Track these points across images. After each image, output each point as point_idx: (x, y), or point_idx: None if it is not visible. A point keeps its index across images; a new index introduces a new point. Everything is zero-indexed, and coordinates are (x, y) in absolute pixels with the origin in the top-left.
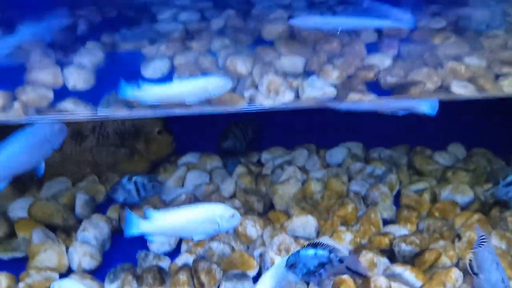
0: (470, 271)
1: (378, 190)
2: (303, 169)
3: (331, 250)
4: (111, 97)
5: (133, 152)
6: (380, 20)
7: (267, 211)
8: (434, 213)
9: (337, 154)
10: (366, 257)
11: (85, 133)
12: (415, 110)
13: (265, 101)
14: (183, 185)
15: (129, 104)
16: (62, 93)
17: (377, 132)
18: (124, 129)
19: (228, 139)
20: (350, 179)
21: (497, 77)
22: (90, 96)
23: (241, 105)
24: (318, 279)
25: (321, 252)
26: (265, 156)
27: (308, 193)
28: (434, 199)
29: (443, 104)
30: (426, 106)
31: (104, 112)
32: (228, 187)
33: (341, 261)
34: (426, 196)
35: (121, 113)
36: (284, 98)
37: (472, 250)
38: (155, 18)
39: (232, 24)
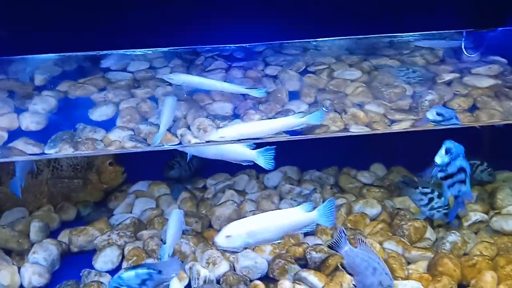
0: (345, 272)
1: None
2: (242, 192)
3: (149, 266)
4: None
5: (86, 183)
6: (237, 87)
7: (202, 231)
8: (347, 224)
9: (274, 177)
10: (278, 265)
11: (41, 167)
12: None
13: (192, 139)
14: (131, 211)
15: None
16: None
17: (311, 156)
18: (77, 162)
19: (174, 168)
20: (281, 198)
21: (392, 122)
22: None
23: (174, 143)
24: None
25: (140, 270)
26: (209, 181)
27: (242, 213)
28: (349, 212)
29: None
30: (260, 155)
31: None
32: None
33: (159, 271)
34: (343, 210)
35: (65, 152)
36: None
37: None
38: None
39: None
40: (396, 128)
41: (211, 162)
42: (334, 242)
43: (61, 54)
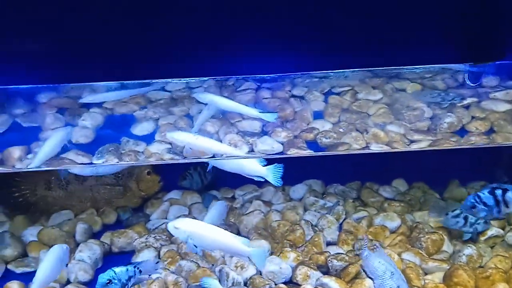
0: (366, 275)
1: (326, 219)
2: (268, 203)
3: (136, 265)
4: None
5: (126, 190)
6: (251, 110)
7: None
8: (368, 236)
9: (299, 190)
10: (301, 271)
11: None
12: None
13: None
14: (166, 217)
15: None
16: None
17: (335, 171)
18: (118, 170)
19: (186, 179)
20: (306, 210)
21: (411, 142)
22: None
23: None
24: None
25: (129, 267)
26: (238, 192)
27: (268, 222)
28: (370, 225)
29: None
30: (269, 172)
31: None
32: (202, 218)
33: (140, 270)
34: (364, 223)
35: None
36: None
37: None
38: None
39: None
40: (414, 147)
41: (223, 177)
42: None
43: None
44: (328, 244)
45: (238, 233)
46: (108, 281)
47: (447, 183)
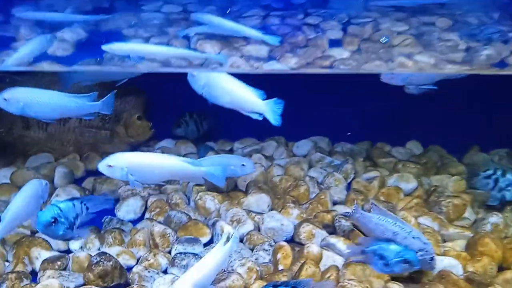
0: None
1: (333, 177)
2: (269, 158)
3: (82, 201)
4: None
5: (113, 135)
6: (253, 31)
7: (228, 191)
8: (380, 197)
9: (303, 146)
10: (305, 228)
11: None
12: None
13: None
14: None
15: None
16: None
17: (343, 129)
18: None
19: (180, 127)
20: (311, 167)
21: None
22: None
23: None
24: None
25: (76, 203)
26: (236, 145)
27: (269, 176)
28: (382, 186)
29: (406, 104)
30: (268, 108)
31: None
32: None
33: (87, 208)
34: (375, 183)
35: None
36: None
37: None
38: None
39: None
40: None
41: (222, 127)
42: (350, 214)
43: None
44: (335, 203)
45: (236, 186)
46: (53, 220)
47: (467, 148)
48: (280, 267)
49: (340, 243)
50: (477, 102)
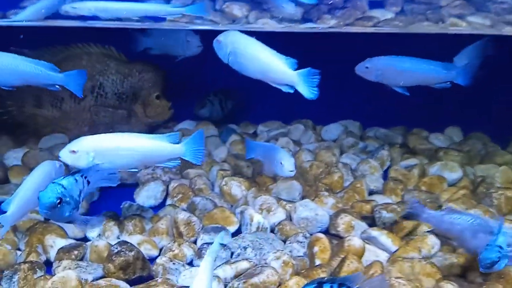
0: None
1: (368, 164)
2: (297, 142)
3: (83, 174)
4: None
5: (130, 114)
6: None
7: (253, 176)
8: (421, 187)
9: (333, 130)
10: (344, 219)
11: (84, 92)
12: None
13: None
14: None
15: None
16: None
17: (376, 113)
18: (122, 91)
19: (205, 107)
20: (342, 153)
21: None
22: None
23: None
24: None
25: (78, 177)
26: (261, 128)
27: (298, 162)
28: (423, 174)
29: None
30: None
31: None
32: (220, 153)
33: (88, 181)
34: (415, 171)
35: None
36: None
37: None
38: None
39: None
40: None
41: (248, 107)
42: (410, 212)
43: None
44: (371, 193)
45: (260, 172)
46: (58, 201)
47: (511, 135)
48: (317, 261)
49: (383, 236)
50: None
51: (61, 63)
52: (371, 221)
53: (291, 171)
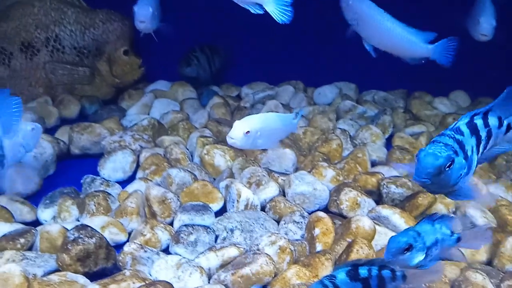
0: None
1: (368, 131)
2: (286, 106)
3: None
4: None
5: (94, 73)
6: None
7: None
8: None
9: (327, 93)
10: (348, 195)
11: (37, 45)
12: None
13: None
14: (148, 113)
15: None
16: None
17: (372, 74)
18: (83, 45)
19: (191, 65)
20: (338, 118)
21: None
22: None
23: None
24: None
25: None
26: (245, 90)
27: None
28: None
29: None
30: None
31: None
32: (199, 117)
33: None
34: (423, 140)
35: None
36: None
37: None
38: None
39: None
40: None
41: (235, 66)
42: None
43: None
44: (373, 163)
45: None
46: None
47: None
48: (319, 246)
49: (395, 216)
50: None
51: (8, 10)
52: (377, 197)
53: (231, 138)
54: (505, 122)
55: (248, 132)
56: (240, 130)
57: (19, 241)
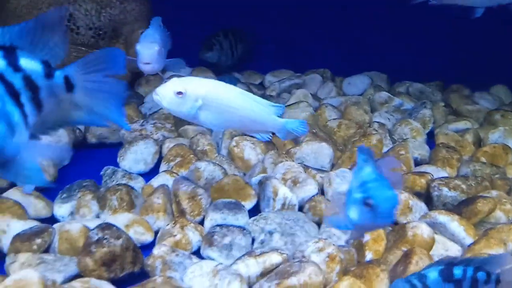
0: None
1: (408, 125)
2: (315, 96)
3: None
4: None
5: None
6: None
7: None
8: (480, 157)
9: (357, 83)
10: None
11: None
12: None
13: None
14: None
15: None
16: None
17: (405, 64)
18: (100, 25)
19: (213, 50)
20: (372, 110)
21: None
22: None
23: None
24: None
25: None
26: (269, 78)
27: (321, 120)
28: (478, 142)
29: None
30: None
31: None
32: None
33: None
34: (469, 138)
35: None
36: None
37: None
38: None
39: None
40: None
41: (257, 53)
42: None
43: None
44: (416, 162)
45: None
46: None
47: None
48: (368, 254)
49: (454, 223)
50: None
51: None
52: (426, 200)
53: (156, 94)
54: None
55: (180, 93)
56: (170, 88)
57: (36, 242)
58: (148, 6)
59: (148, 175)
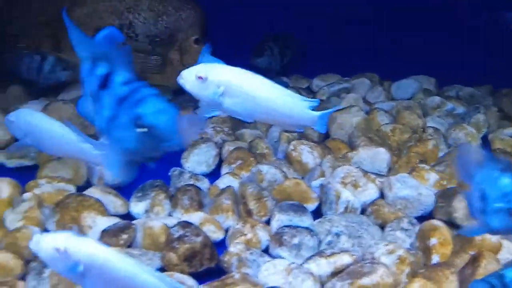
0: None
1: (463, 130)
2: (365, 100)
3: None
4: None
5: (165, 63)
6: None
7: (322, 140)
8: None
9: (406, 87)
10: (464, 203)
11: None
12: None
13: None
14: None
15: None
16: None
17: (454, 67)
18: (156, 33)
19: (264, 55)
20: (425, 115)
21: None
22: None
23: None
24: None
25: None
26: (316, 82)
27: (374, 125)
28: None
29: None
30: None
31: None
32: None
33: None
34: None
35: None
36: None
37: None
38: None
39: None
40: None
41: (306, 57)
42: None
43: None
44: None
45: (327, 136)
46: None
47: None
48: (435, 258)
49: None
50: None
51: None
52: None
53: (181, 77)
54: None
55: (201, 78)
56: (193, 72)
57: (122, 237)
58: (202, 14)
59: (209, 176)
